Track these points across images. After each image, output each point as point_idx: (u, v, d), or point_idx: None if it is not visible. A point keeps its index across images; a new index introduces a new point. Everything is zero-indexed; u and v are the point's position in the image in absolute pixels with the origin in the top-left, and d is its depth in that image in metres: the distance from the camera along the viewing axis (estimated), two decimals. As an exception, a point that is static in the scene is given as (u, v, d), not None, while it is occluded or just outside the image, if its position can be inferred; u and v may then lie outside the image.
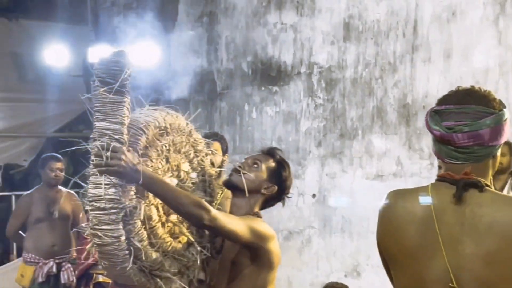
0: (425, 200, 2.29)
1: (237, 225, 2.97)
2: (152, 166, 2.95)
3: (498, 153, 2.35)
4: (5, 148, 9.13)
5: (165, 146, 3.07)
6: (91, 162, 2.76)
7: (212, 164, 3.52)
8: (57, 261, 6.99)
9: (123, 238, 2.77)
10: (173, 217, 3.09)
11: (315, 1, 7.00)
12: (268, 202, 3.33)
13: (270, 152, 3.37)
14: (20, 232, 7.18)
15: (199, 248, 3.15)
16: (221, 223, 2.88)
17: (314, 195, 7.00)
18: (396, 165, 6.35)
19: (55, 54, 8.61)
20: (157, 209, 3.01)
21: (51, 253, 6.97)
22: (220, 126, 7.64)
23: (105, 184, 2.73)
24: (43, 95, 9.10)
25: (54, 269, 6.95)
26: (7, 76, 9.01)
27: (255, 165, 3.27)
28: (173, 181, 3.12)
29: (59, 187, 7.23)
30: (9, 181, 9.22)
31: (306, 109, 7.09)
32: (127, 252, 2.79)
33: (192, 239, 3.13)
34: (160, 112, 3.09)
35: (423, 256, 2.25)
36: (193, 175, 3.25)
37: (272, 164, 3.32)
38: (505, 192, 4.58)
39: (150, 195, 2.95)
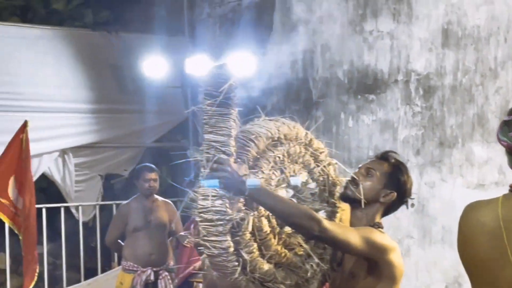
0: (494, 211, 2.23)
1: (350, 236, 2.87)
2: (263, 177, 2.94)
3: None
4: (106, 158, 9.36)
5: (279, 157, 3.04)
6: (200, 174, 2.81)
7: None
8: (154, 269, 7.10)
9: (231, 249, 2.79)
10: (288, 228, 3.04)
11: (412, 8, 6.89)
12: (390, 209, 3.21)
13: (383, 157, 3.22)
14: (119, 241, 7.34)
15: (317, 260, 3.09)
16: (333, 234, 2.80)
17: (412, 205, 6.86)
18: (499, 174, 6.17)
19: (153, 65, 8.77)
20: (269, 220, 2.98)
21: (149, 261, 7.10)
22: (315, 135, 7.60)
23: (212, 196, 2.77)
24: (142, 106, 9.27)
25: (152, 277, 7.07)
26: (107, 87, 9.24)
27: (369, 174, 3.13)
28: (288, 192, 3.09)
29: (155, 196, 7.36)
30: (110, 191, 9.43)
31: (404, 117, 6.97)
32: (236, 263, 2.80)
33: (310, 251, 3.07)
34: (275, 122, 3.08)
35: (494, 267, 2.19)
36: (312, 185, 3.19)
37: (387, 169, 3.16)
38: None
39: (262, 209, 2.94)
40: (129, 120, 9.38)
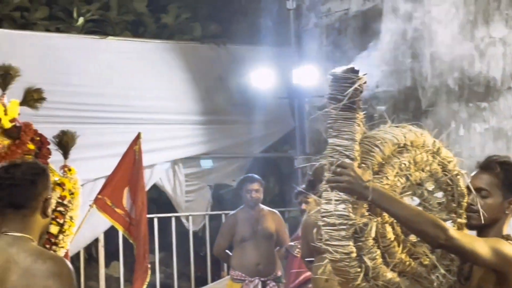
0: None
1: (478, 246, 2.79)
2: (387, 183, 2.90)
3: None
4: (215, 169, 9.49)
5: (404, 164, 2.99)
6: (324, 177, 2.83)
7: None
8: (262, 279, 7.13)
9: (354, 255, 2.78)
10: (413, 237, 2.99)
11: (526, 12, 6.69)
12: None
13: (488, 167, 3.03)
14: (227, 251, 7.41)
15: (443, 272, 3.01)
16: (459, 243, 2.74)
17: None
18: None
19: (260, 76, 8.86)
20: (393, 227, 2.94)
21: (256, 271, 7.14)
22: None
23: (335, 200, 2.78)
24: (250, 117, 9.35)
25: (260, 287, 7.10)
26: (215, 99, 9.37)
27: (483, 194, 2.99)
28: (414, 200, 3.05)
29: (261, 206, 7.39)
30: (219, 201, 9.55)
31: (518, 125, 6.77)
32: (358, 269, 2.79)
33: (436, 261, 3.00)
34: (401, 129, 3.04)
35: None
36: (439, 194, 3.11)
37: (498, 178, 2.99)
38: None
39: (386, 215, 2.91)
40: (237, 131, 9.48)
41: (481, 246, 2.79)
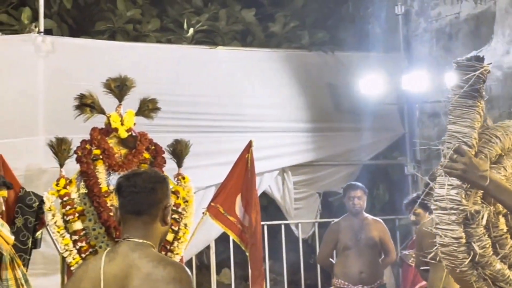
0: None
1: None
2: (504, 175, 2.88)
3: None
4: (324, 176, 9.46)
5: None
6: (440, 163, 2.85)
7: None
8: (366, 287, 7.07)
9: (462, 240, 2.77)
10: None
11: None
12: None
13: None
14: (330, 259, 7.39)
15: None
16: None
17: None
18: None
19: (369, 83, 8.79)
20: (507, 220, 2.91)
21: (359, 279, 7.09)
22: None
23: (449, 185, 2.80)
24: (359, 124, 9.30)
25: (363, 296, 7.07)
26: (324, 106, 9.36)
27: None
28: None
29: (365, 214, 7.33)
30: (328, 208, 9.52)
31: None
32: (466, 255, 2.78)
33: None
34: None
35: None
36: None
37: None
38: None
39: (500, 205, 2.87)
40: (346, 138, 9.43)
41: None
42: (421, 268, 5.82)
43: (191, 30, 9.27)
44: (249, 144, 6.63)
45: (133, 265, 2.78)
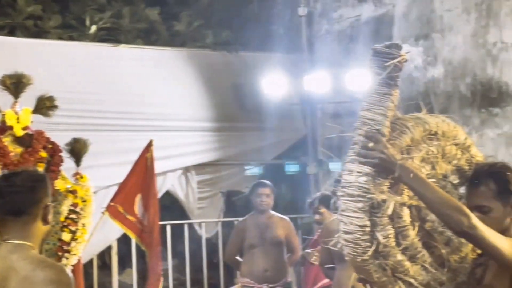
0: None
1: (499, 240, 2.75)
2: (413, 167, 2.88)
3: None
4: (227, 175, 9.49)
5: (432, 151, 2.99)
6: (350, 149, 2.82)
7: None
8: (270, 285, 7.12)
9: (367, 229, 2.77)
10: (429, 224, 2.98)
11: (538, 17, 6.66)
12: None
13: (478, 182, 2.94)
14: (237, 257, 7.41)
15: (453, 267, 2.99)
16: (481, 233, 2.71)
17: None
18: None
19: (272, 83, 8.85)
20: (411, 212, 2.93)
21: (264, 278, 7.12)
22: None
23: (358, 172, 2.78)
24: (262, 124, 9.36)
25: (267, 293, 7.11)
26: (228, 106, 9.38)
27: (484, 211, 2.89)
28: None
29: (272, 212, 7.38)
30: (232, 207, 9.55)
31: (531, 130, 6.74)
32: (369, 244, 2.78)
33: (448, 255, 2.98)
34: (435, 118, 3.05)
35: None
36: (462, 190, 3.10)
37: (491, 190, 2.91)
38: None
39: (405, 196, 2.91)
40: (250, 138, 9.48)
41: (503, 243, 2.76)
42: (326, 266, 5.87)
43: (93, 27, 9.14)
44: (150, 144, 6.58)
45: (11, 268, 2.73)
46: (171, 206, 9.29)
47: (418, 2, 7.95)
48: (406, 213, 2.89)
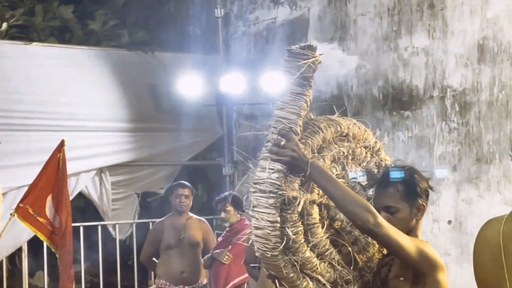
0: (497, 227, 2.24)
1: (404, 240, 2.83)
2: (323, 166, 2.93)
3: None
4: (142, 176, 9.40)
5: (343, 153, 3.05)
6: (264, 147, 2.86)
7: None
8: (186, 287, 7.11)
9: (277, 225, 2.81)
10: (337, 224, 3.04)
11: (447, 24, 6.86)
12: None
13: (386, 183, 3.03)
14: (154, 258, 7.37)
15: (360, 265, 3.05)
16: (386, 231, 2.77)
17: (450, 222, 6.81)
18: (537, 190, 6.10)
19: (188, 84, 8.81)
20: (320, 209, 2.99)
21: (181, 279, 7.11)
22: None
23: (270, 169, 2.81)
24: (178, 125, 9.32)
25: (184, 296, 7.10)
26: (143, 106, 9.30)
27: (391, 211, 2.99)
28: None
29: (190, 214, 7.37)
30: (147, 209, 9.49)
31: (440, 133, 6.93)
32: (279, 240, 2.82)
33: (354, 253, 3.04)
34: (347, 120, 3.11)
35: (493, 285, 2.20)
36: (370, 191, 3.16)
37: (398, 191, 3.01)
38: None
39: (316, 194, 2.95)
40: (165, 139, 9.43)
41: (407, 241, 2.84)
42: (250, 265, 5.87)
43: (4, 25, 8.92)
44: (61, 143, 6.47)
45: None
46: (85, 207, 9.16)
47: (333, 6, 8.08)
48: (315, 211, 2.95)
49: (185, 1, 10.06)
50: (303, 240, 2.88)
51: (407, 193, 3.01)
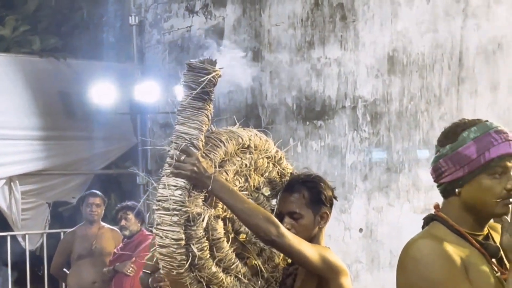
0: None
1: (306, 248, 2.87)
2: (226, 179, 2.94)
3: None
4: (53, 185, 9.23)
5: (246, 164, 3.05)
6: (166, 163, 2.83)
7: None
8: (97, 298, 7.02)
9: (182, 242, 2.79)
10: (242, 237, 3.06)
11: (359, 35, 7.00)
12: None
13: (292, 189, 3.10)
14: (64, 269, 7.24)
15: (266, 276, 3.07)
16: (289, 241, 2.81)
17: (361, 230, 6.94)
18: (444, 199, 6.27)
19: (102, 92, 8.70)
20: (225, 223, 2.99)
21: (92, 290, 7.01)
22: (265, 161, 7.63)
23: (173, 186, 2.80)
24: (91, 133, 9.20)
25: (95, 306, 7.00)
26: (55, 114, 9.14)
27: (295, 217, 3.04)
28: None
29: (102, 223, 7.28)
30: (58, 218, 9.32)
31: (351, 142, 7.06)
32: (184, 257, 2.80)
33: (259, 264, 3.07)
34: (248, 131, 3.11)
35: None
36: (274, 201, 3.20)
37: (303, 198, 3.07)
38: None
39: (220, 209, 2.95)
40: (78, 147, 9.29)
41: (310, 249, 2.88)
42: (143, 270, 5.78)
43: None
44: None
45: None
46: (-7, 217, 8.93)
47: (247, 16, 8.14)
48: (220, 226, 2.95)
49: (98, 8, 9.94)
50: (208, 256, 2.88)
51: (312, 200, 3.07)
